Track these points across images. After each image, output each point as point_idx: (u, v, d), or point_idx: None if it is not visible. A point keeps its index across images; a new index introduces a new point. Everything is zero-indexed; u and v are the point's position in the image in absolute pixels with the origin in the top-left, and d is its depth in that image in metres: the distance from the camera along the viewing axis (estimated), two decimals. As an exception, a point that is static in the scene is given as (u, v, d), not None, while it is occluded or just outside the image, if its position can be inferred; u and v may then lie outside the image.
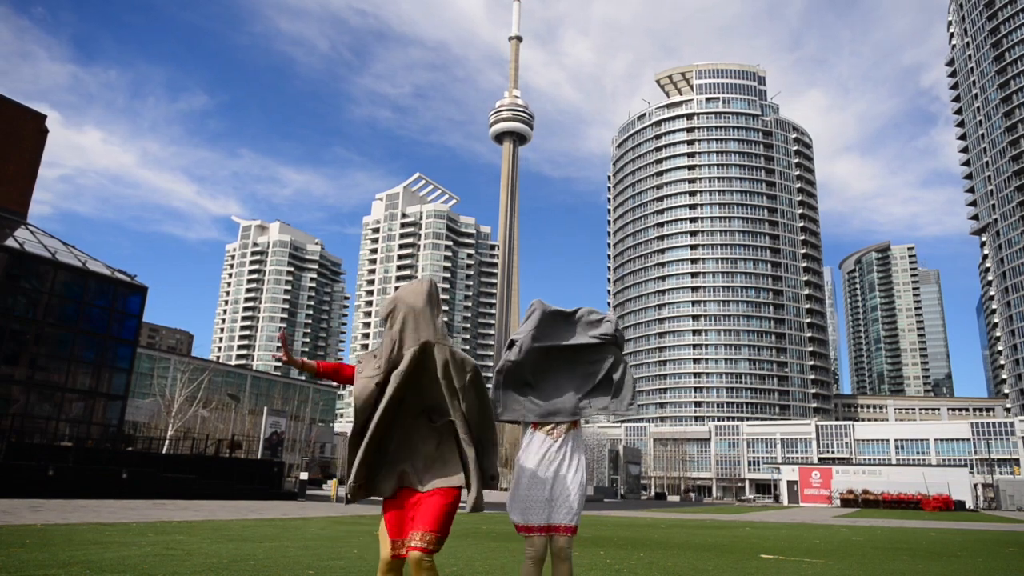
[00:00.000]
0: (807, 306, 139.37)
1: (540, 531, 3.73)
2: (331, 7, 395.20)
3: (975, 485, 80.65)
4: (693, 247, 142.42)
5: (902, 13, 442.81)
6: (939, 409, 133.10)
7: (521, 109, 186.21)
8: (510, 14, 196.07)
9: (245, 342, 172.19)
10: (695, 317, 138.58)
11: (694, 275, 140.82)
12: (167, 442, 41.14)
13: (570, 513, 3.76)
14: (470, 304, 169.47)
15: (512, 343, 4.08)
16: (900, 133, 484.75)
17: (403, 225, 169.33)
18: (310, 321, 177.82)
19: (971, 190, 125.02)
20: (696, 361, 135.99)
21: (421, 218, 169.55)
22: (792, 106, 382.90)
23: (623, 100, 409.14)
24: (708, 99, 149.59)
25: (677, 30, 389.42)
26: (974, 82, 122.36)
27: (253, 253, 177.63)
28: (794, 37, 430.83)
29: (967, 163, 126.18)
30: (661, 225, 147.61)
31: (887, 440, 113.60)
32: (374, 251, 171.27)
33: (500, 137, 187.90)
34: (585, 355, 4.13)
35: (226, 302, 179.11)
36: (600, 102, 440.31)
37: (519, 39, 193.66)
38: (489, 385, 3.45)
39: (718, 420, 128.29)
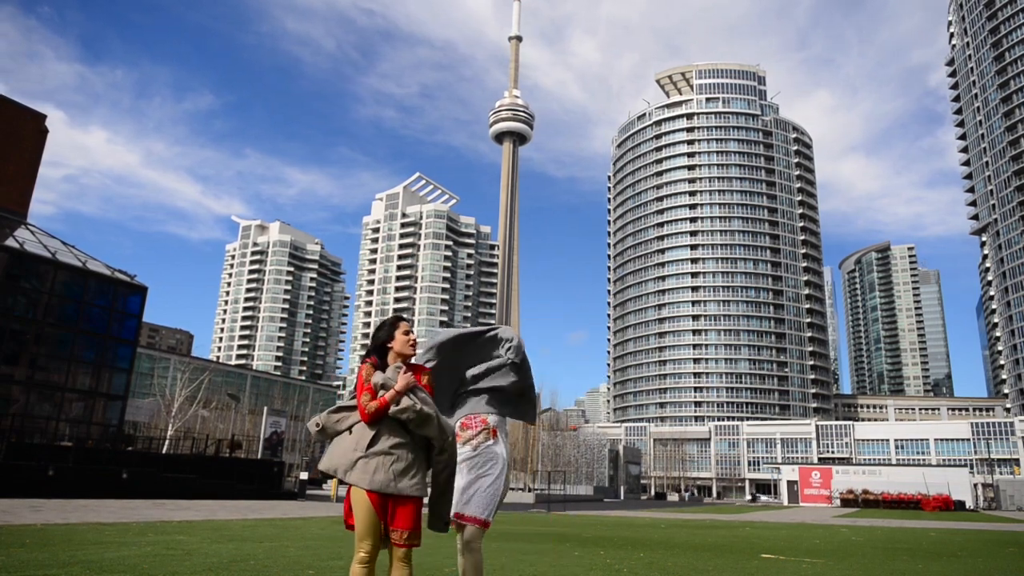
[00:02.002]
0: (807, 306, 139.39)
1: (454, 523, 3.99)
2: (338, 7, 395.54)
3: (975, 485, 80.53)
4: (693, 247, 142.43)
5: (909, 13, 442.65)
6: (939, 409, 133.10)
7: (521, 109, 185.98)
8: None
9: (245, 342, 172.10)
10: (695, 317, 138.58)
11: (694, 275, 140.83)
12: (167, 442, 41.14)
13: (481, 508, 4.00)
14: (470, 304, 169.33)
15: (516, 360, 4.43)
16: (905, 133, 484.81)
17: (403, 225, 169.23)
18: (310, 321, 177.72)
19: (971, 190, 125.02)
20: (696, 361, 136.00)
21: (421, 218, 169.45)
22: (798, 106, 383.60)
23: (628, 100, 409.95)
24: (708, 99, 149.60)
25: (683, 29, 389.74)
26: (974, 82, 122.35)
27: (253, 253, 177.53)
28: (801, 37, 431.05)
29: (967, 163, 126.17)
30: (661, 225, 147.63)
31: (887, 440, 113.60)
32: (374, 251, 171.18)
33: (500, 137, 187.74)
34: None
35: (226, 302, 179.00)
36: (606, 102, 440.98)
37: (519, 39, 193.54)
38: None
39: (718, 420, 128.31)
